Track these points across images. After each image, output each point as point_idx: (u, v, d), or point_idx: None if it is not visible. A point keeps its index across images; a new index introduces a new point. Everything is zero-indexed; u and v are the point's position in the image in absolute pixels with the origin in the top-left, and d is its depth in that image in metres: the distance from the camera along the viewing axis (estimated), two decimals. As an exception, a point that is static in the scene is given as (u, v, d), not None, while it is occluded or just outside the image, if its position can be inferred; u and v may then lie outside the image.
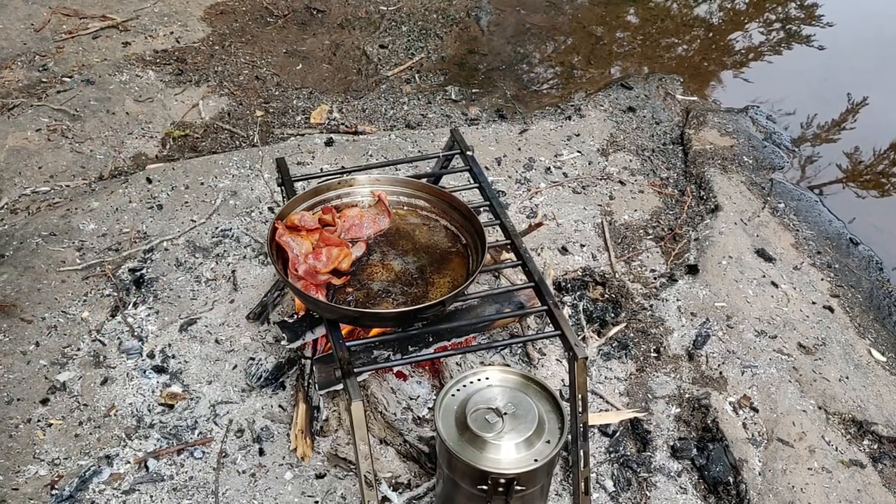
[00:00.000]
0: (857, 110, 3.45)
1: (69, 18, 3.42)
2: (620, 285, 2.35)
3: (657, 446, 1.95)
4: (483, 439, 1.38)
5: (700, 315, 2.28)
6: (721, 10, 4.19)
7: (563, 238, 2.52)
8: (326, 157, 2.77)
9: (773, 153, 3.08)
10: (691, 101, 3.31)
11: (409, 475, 1.82)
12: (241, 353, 2.08)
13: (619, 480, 1.86)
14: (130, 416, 1.93)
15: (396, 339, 1.78)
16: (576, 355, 1.52)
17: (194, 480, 1.81)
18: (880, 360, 2.25)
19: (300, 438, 1.85)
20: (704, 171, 2.85)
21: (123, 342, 2.10)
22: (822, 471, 1.90)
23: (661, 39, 3.78)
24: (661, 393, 2.06)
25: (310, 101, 3.13)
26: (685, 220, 2.66)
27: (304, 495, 1.79)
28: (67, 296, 2.21)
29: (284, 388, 2.00)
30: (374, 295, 1.57)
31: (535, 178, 2.77)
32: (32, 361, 2.04)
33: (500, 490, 1.37)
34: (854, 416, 2.05)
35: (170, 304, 2.21)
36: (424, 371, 1.95)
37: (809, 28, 3.97)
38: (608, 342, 2.19)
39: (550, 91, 3.36)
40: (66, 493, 1.76)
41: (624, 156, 2.93)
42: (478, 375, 1.51)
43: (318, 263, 1.57)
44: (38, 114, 2.86)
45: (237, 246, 2.39)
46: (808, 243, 2.65)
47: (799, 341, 2.24)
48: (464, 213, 1.70)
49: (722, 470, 1.88)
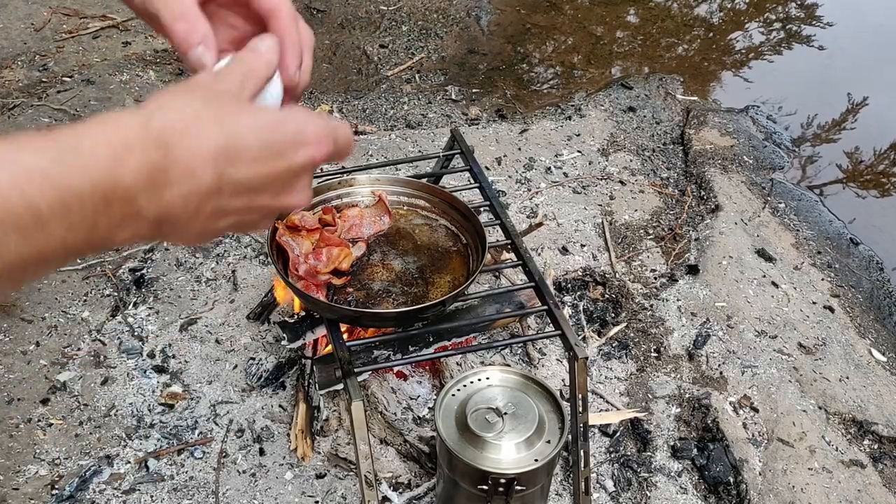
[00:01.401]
0: (857, 110, 3.45)
1: (69, 18, 3.42)
2: (621, 285, 2.35)
3: (657, 446, 1.95)
4: (483, 439, 1.38)
5: (700, 315, 2.28)
6: (721, 10, 4.19)
7: (564, 238, 2.52)
8: (327, 156, 2.77)
9: (773, 153, 3.07)
10: (692, 101, 3.31)
11: (410, 475, 1.82)
12: (241, 352, 2.08)
13: (619, 480, 1.86)
14: (131, 416, 1.93)
15: (397, 339, 1.78)
16: (576, 355, 1.52)
17: (194, 480, 1.81)
18: (881, 360, 2.25)
19: (300, 438, 1.85)
20: (705, 171, 2.85)
21: (124, 342, 2.10)
22: (822, 471, 1.90)
23: (662, 39, 3.78)
24: (661, 393, 2.06)
25: (310, 101, 3.13)
26: (685, 220, 2.66)
27: (304, 495, 1.79)
28: (68, 296, 2.21)
29: (285, 388, 2.00)
30: (374, 295, 1.57)
31: (536, 177, 2.77)
32: (33, 361, 2.04)
33: (500, 490, 1.37)
34: (854, 416, 2.05)
35: (170, 303, 2.21)
36: (425, 371, 1.95)
37: (810, 28, 3.96)
38: (608, 342, 2.19)
39: (551, 91, 3.36)
40: (66, 492, 1.76)
41: (624, 156, 2.93)
42: (478, 375, 1.51)
43: (319, 263, 1.57)
44: (39, 114, 2.86)
45: (237, 246, 2.39)
46: (808, 243, 2.65)
47: (799, 341, 2.24)
48: (464, 212, 1.70)
49: (722, 470, 1.88)
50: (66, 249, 0.62)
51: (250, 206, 0.71)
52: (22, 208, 0.57)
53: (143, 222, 0.65)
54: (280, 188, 0.73)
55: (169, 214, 0.66)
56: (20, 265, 0.60)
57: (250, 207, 0.72)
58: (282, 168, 0.71)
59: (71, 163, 0.60)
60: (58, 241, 0.60)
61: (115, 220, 0.63)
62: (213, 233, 0.73)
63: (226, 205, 0.69)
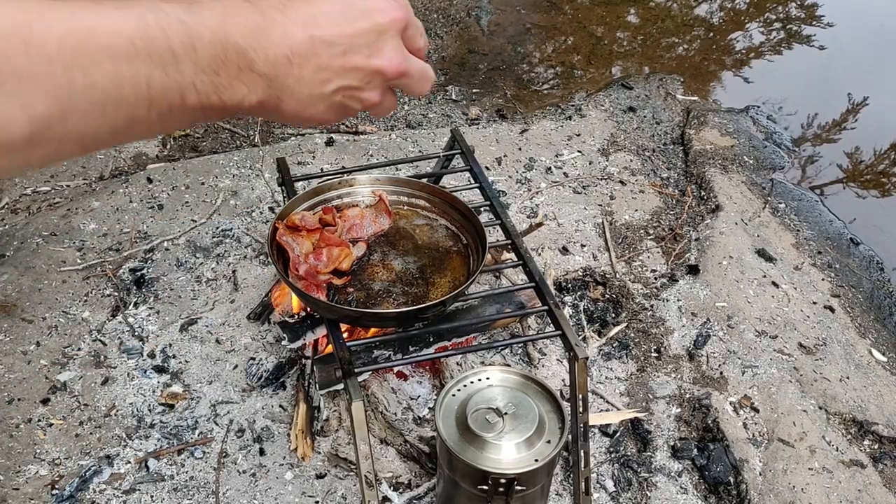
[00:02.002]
0: (858, 110, 3.45)
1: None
2: (621, 285, 2.35)
3: (658, 446, 1.95)
4: (483, 439, 1.38)
5: (701, 315, 2.28)
6: (721, 10, 4.19)
7: (564, 238, 2.52)
8: (327, 156, 2.77)
9: (773, 153, 3.07)
10: (692, 101, 3.31)
11: (410, 475, 1.82)
12: (241, 353, 2.08)
13: (619, 480, 1.86)
14: (131, 416, 1.93)
15: (397, 339, 1.78)
16: (576, 355, 1.52)
17: (195, 480, 1.81)
18: (881, 360, 2.25)
19: (300, 438, 1.85)
20: (705, 171, 2.85)
21: (124, 342, 2.10)
22: (822, 471, 1.90)
23: (662, 39, 3.78)
24: (661, 393, 2.06)
25: (310, 101, 3.13)
26: (686, 220, 2.66)
27: (304, 495, 1.79)
28: (68, 296, 2.21)
29: (285, 388, 2.00)
30: (374, 295, 1.57)
31: (536, 177, 2.77)
32: (33, 361, 2.04)
33: (500, 490, 1.37)
34: (855, 417, 2.05)
35: (170, 303, 2.21)
36: (425, 371, 1.95)
37: (810, 28, 3.97)
38: (609, 342, 2.19)
39: (551, 91, 3.36)
40: (66, 492, 1.76)
41: (624, 156, 2.93)
42: (478, 375, 1.51)
43: (319, 263, 1.57)
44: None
45: (238, 246, 2.39)
46: (808, 243, 2.65)
47: (799, 341, 2.24)
48: (464, 212, 1.70)
49: (722, 470, 1.88)
50: (198, 91, 0.74)
51: (346, 67, 0.83)
52: (163, 45, 0.69)
53: (257, 78, 0.77)
54: (369, 47, 0.84)
55: (278, 71, 0.78)
56: (163, 101, 0.72)
57: (346, 68, 0.83)
58: (365, 27, 0.83)
59: (195, 14, 0.73)
60: (189, 81, 0.72)
61: (233, 71, 0.75)
62: (326, 99, 0.84)
63: (325, 63, 0.81)
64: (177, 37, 0.70)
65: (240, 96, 0.78)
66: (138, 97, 0.70)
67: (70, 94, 0.65)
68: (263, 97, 0.79)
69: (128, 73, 0.68)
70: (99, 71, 0.66)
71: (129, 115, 0.70)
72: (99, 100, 0.67)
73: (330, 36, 0.81)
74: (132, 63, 0.68)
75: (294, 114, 0.84)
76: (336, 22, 0.81)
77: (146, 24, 0.69)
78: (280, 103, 0.81)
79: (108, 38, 0.66)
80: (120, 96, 0.68)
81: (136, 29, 0.68)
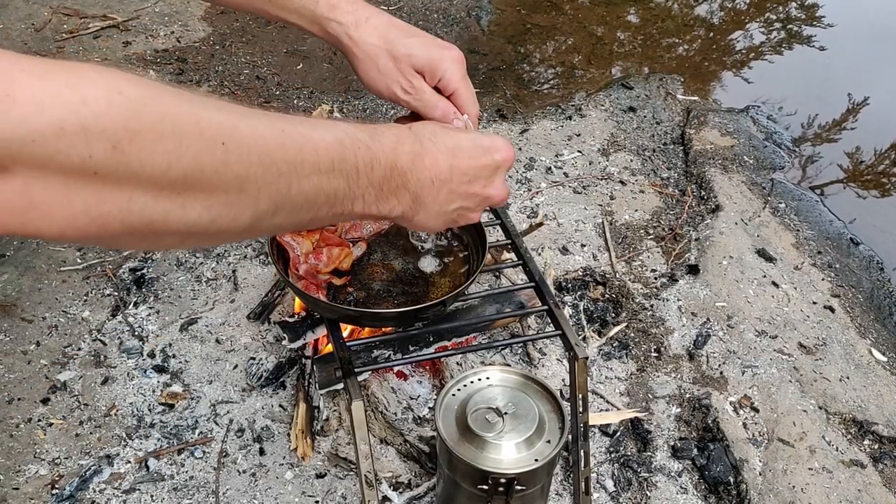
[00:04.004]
0: (858, 110, 3.45)
1: (70, 18, 3.42)
2: (621, 285, 2.35)
3: (658, 446, 1.95)
4: (483, 439, 1.38)
5: (701, 315, 2.28)
6: (721, 10, 4.19)
7: (564, 238, 2.52)
8: (327, 156, 2.77)
9: (773, 153, 3.07)
10: (692, 101, 3.31)
11: (410, 475, 1.82)
12: (241, 352, 2.08)
13: (619, 480, 1.86)
14: (131, 416, 1.93)
15: (397, 338, 1.78)
16: (576, 355, 1.52)
17: (195, 480, 1.81)
18: (881, 360, 2.25)
19: (300, 438, 1.85)
20: (705, 171, 2.85)
21: (124, 342, 2.10)
22: (822, 471, 1.90)
23: (662, 39, 3.78)
24: (661, 393, 2.06)
25: (310, 101, 3.13)
26: (686, 220, 2.66)
27: (304, 495, 1.79)
28: (68, 295, 2.21)
29: (285, 388, 2.00)
30: (374, 295, 1.57)
31: (536, 177, 2.77)
32: (33, 361, 2.04)
33: (500, 490, 1.37)
34: (855, 416, 2.05)
35: (170, 303, 2.21)
36: (425, 371, 1.95)
37: (810, 28, 3.97)
38: (609, 342, 2.19)
39: (551, 91, 3.36)
40: (66, 492, 1.76)
41: (625, 156, 2.93)
42: (478, 375, 1.51)
43: (319, 263, 1.57)
44: (39, 113, 2.85)
45: (238, 245, 2.39)
46: (808, 243, 2.65)
47: (799, 341, 2.24)
48: (464, 212, 1.70)
49: (722, 470, 1.88)
50: (364, 202, 0.92)
51: (468, 192, 1.05)
52: (352, 164, 0.88)
53: (407, 195, 0.98)
54: (487, 178, 1.07)
55: (423, 191, 0.99)
56: (340, 207, 0.90)
57: (468, 193, 1.05)
58: (487, 162, 1.07)
59: (377, 141, 0.93)
60: (361, 191, 0.91)
61: (393, 188, 0.95)
62: (446, 215, 1.06)
63: (455, 188, 1.03)
64: (362, 159, 0.89)
65: (390, 207, 0.96)
66: (326, 202, 0.87)
67: (284, 199, 0.80)
68: (405, 209, 0.99)
69: (325, 184, 0.85)
70: (308, 182, 0.83)
71: (315, 215, 0.87)
72: (301, 203, 0.83)
73: (463, 167, 1.03)
74: (330, 177, 0.86)
75: (421, 224, 1.04)
76: (469, 155, 1.04)
77: (343, 146, 0.87)
78: (415, 215, 1.01)
79: (316, 156, 0.84)
80: (315, 201, 0.86)
81: (337, 151, 0.86)
